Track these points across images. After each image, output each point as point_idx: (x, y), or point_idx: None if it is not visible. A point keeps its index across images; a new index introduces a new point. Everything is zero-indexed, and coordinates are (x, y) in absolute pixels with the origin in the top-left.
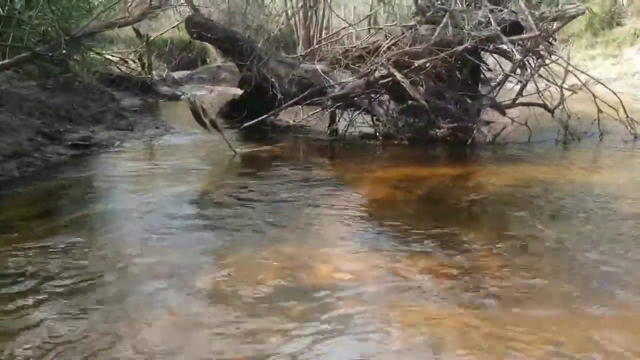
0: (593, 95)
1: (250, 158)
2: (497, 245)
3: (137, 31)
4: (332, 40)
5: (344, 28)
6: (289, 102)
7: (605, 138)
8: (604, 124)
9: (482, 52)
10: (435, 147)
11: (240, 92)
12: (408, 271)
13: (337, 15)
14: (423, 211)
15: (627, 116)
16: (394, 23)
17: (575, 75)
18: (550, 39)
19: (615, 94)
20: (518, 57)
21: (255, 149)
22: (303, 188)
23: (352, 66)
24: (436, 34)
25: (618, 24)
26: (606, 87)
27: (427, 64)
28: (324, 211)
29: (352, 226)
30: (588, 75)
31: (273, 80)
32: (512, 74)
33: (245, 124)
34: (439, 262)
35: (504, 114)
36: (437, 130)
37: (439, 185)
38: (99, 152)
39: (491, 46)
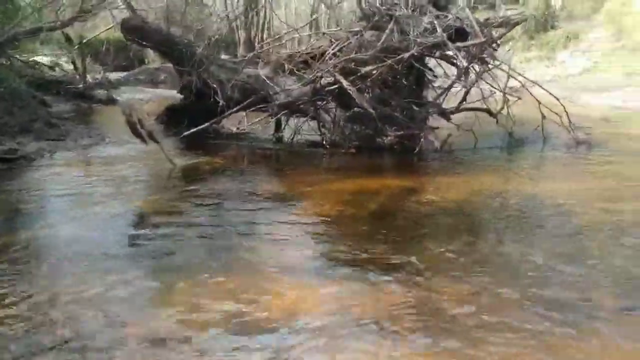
0: (538, 102)
1: (191, 170)
2: (457, 271)
3: (66, 36)
4: (275, 45)
5: (286, 32)
6: (233, 109)
7: (548, 143)
8: (546, 128)
9: (427, 58)
10: (383, 155)
11: (181, 96)
12: (365, 305)
13: (278, 17)
14: (376, 230)
15: (570, 122)
16: (339, 28)
17: (519, 82)
18: (494, 45)
19: (558, 100)
20: (464, 63)
21: (196, 159)
22: (249, 205)
23: (297, 72)
24: (382, 40)
25: (552, 27)
26: (550, 94)
27: (374, 71)
28: (273, 233)
29: (302, 251)
30: (530, 80)
31: (215, 85)
32: (458, 80)
33: (186, 133)
34: (396, 292)
35: (449, 120)
36: (385, 138)
37: (390, 199)
38: (27, 165)
39: (437, 53)
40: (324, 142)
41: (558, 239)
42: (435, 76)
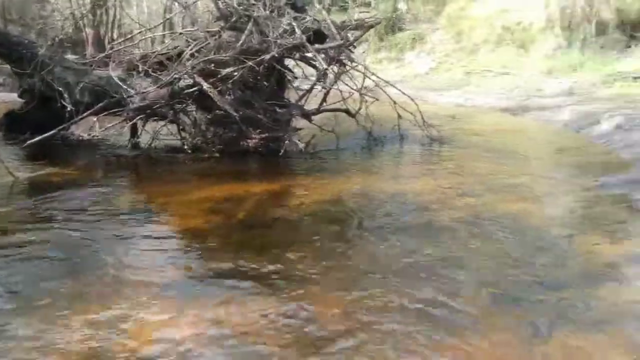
0: (393, 101)
1: (37, 183)
2: (332, 277)
3: None
4: (128, 45)
5: (139, 32)
6: (83, 114)
7: (405, 142)
8: (403, 127)
9: (286, 59)
10: (248, 159)
11: (22, 100)
12: (239, 328)
13: (129, 16)
14: (247, 240)
15: (424, 121)
16: (195, 28)
17: (375, 82)
18: (351, 47)
19: (412, 99)
20: (324, 65)
21: (43, 171)
22: (106, 220)
23: (152, 73)
24: (241, 41)
25: (400, 29)
26: (404, 93)
27: (235, 73)
28: (133, 251)
29: (168, 268)
30: (384, 80)
31: (60, 89)
32: (318, 82)
33: (30, 141)
34: (271, 306)
35: (311, 121)
36: (248, 141)
37: (259, 206)
38: None
39: (297, 55)
40: (185, 147)
41: (425, 237)
42: (296, 77)
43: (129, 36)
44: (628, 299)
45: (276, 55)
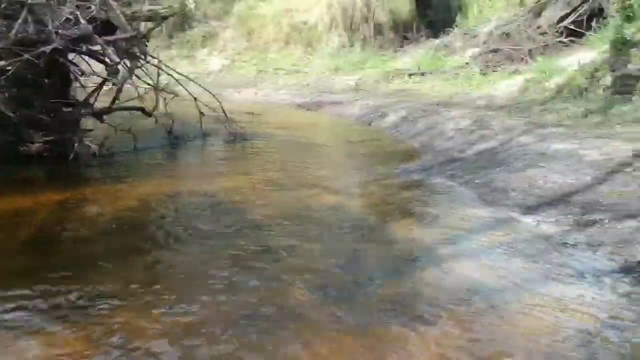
0: (194, 98)
1: None
2: (147, 298)
3: None
4: None
5: None
6: None
7: (208, 139)
8: (205, 124)
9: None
10: (32, 166)
11: None
12: None
13: None
14: (36, 262)
15: (227, 117)
16: None
17: (174, 78)
18: (144, 40)
19: (215, 97)
20: (116, 59)
21: None
22: None
23: None
24: (14, 31)
25: (190, 27)
26: (207, 90)
27: (8, 67)
28: None
29: None
30: (185, 75)
31: None
32: (109, 78)
33: None
34: (73, 341)
35: (102, 121)
36: (30, 146)
37: (49, 219)
38: None
39: (84, 47)
40: None
41: (243, 237)
42: (83, 73)
43: None
44: (452, 282)
45: (59, 47)
